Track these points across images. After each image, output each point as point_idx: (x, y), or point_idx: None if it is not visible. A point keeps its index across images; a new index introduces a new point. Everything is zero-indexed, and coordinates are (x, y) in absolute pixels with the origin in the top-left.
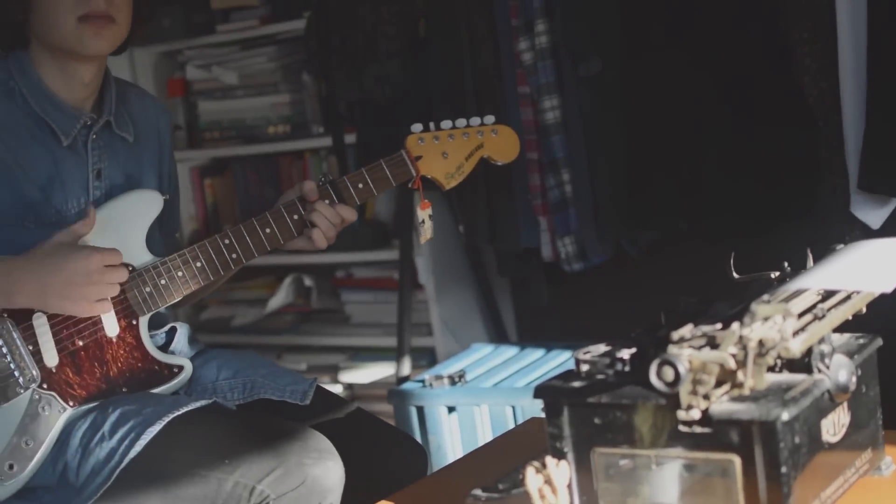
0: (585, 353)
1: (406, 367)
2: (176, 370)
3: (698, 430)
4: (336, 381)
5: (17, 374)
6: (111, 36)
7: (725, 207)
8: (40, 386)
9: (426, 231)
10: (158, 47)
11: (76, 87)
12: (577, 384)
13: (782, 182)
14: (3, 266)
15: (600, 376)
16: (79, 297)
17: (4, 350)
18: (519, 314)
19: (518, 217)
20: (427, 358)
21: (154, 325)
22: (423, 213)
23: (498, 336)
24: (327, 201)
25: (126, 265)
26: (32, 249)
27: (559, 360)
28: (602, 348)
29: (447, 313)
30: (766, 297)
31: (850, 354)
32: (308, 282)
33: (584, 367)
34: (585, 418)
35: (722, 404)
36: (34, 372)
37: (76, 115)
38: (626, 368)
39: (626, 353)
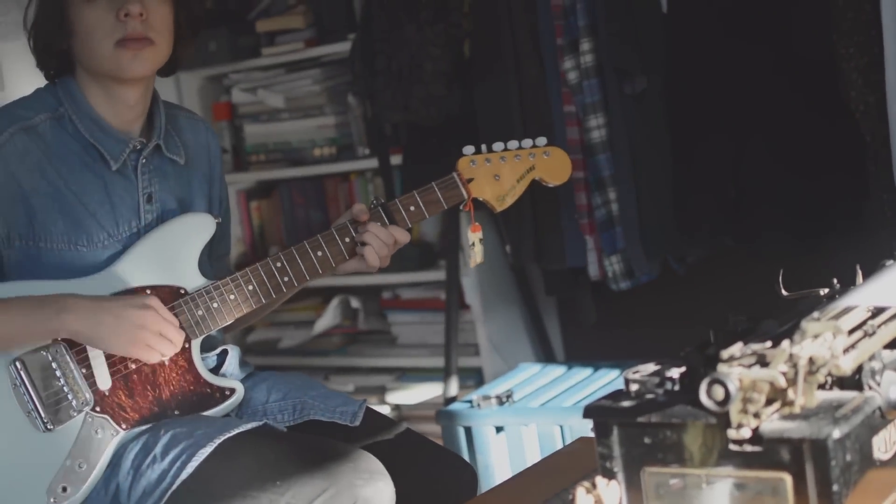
0: (635, 373)
1: (453, 388)
2: (228, 393)
3: (749, 448)
4: (384, 401)
5: (70, 397)
6: (150, 57)
7: (773, 224)
8: (93, 409)
9: (476, 255)
10: (204, 71)
11: (122, 111)
12: (626, 404)
13: (830, 197)
14: (59, 299)
15: (650, 395)
16: (131, 339)
17: (58, 374)
18: (566, 333)
19: (565, 236)
20: (474, 378)
21: (205, 347)
22: (474, 237)
23: (545, 355)
24: (379, 223)
25: (178, 289)
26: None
27: (607, 379)
28: (651, 367)
29: (494, 333)
30: (815, 314)
31: None
32: (355, 303)
33: (634, 387)
34: (635, 438)
35: (772, 423)
36: (87, 395)
37: (125, 139)
38: (676, 387)
39: (675, 372)
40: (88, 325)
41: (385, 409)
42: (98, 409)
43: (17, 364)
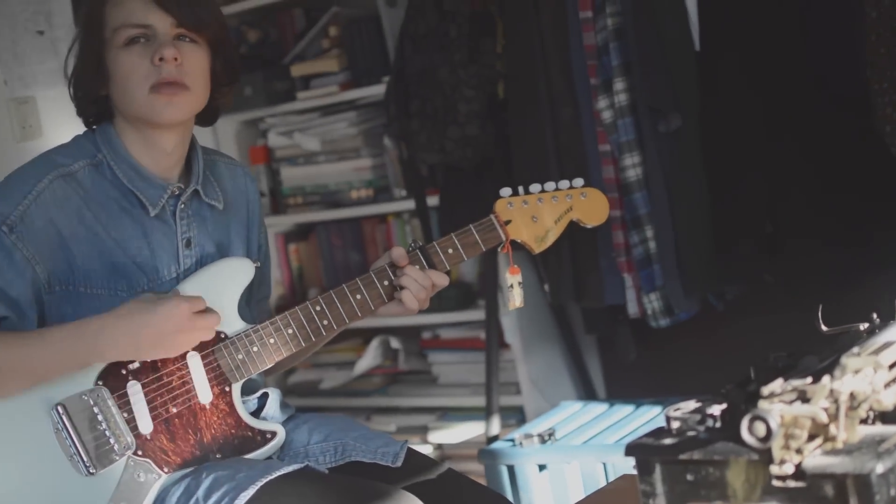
0: (676, 410)
1: (495, 427)
2: (269, 436)
3: (792, 484)
4: (425, 441)
5: (112, 441)
6: (184, 103)
7: (811, 259)
8: (135, 453)
9: (515, 297)
10: (240, 116)
11: (160, 157)
12: (668, 441)
13: (868, 232)
14: (94, 324)
15: (691, 433)
16: (172, 345)
17: (100, 418)
18: (607, 371)
19: (603, 274)
20: (516, 416)
21: (246, 391)
22: (513, 279)
23: (586, 393)
24: (417, 267)
25: (218, 333)
26: (119, 308)
27: (648, 416)
28: (692, 404)
29: (535, 371)
30: (855, 349)
31: None
32: (395, 343)
33: (675, 424)
34: (678, 475)
35: (815, 458)
36: (129, 439)
37: (163, 184)
38: (718, 424)
39: (716, 409)
40: (130, 354)
41: (427, 449)
42: (140, 452)
43: (59, 409)
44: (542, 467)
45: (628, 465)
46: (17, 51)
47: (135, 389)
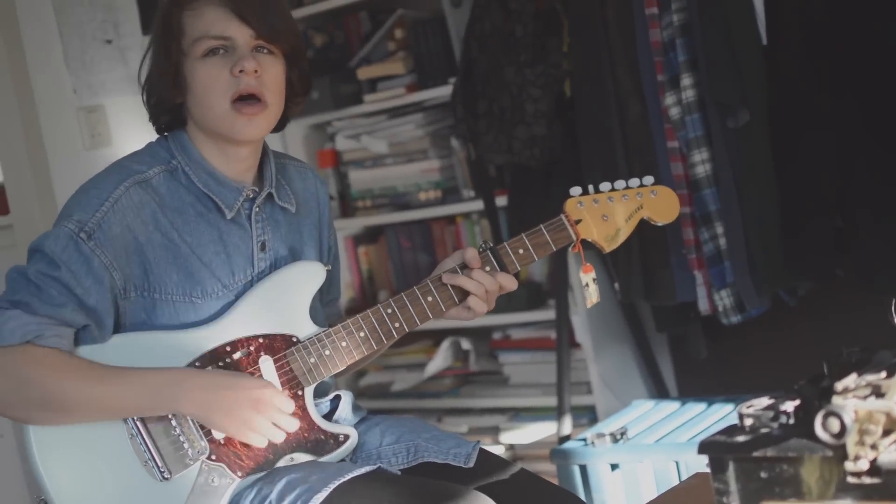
0: (749, 407)
1: (567, 426)
2: (342, 439)
3: (867, 480)
4: (497, 442)
5: (186, 446)
6: (263, 122)
7: (883, 253)
8: (209, 457)
9: (591, 295)
10: (308, 120)
11: (234, 163)
12: (741, 438)
13: None
14: (176, 375)
15: (765, 430)
16: (243, 423)
17: (174, 423)
18: (678, 369)
19: (673, 272)
20: (588, 416)
21: (318, 394)
22: (587, 277)
23: (658, 391)
24: (487, 268)
25: (291, 337)
26: (205, 370)
27: (721, 414)
28: (765, 401)
29: (606, 371)
30: None
31: None
32: (466, 345)
33: (748, 421)
34: (752, 472)
35: (890, 454)
36: (203, 444)
37: (238, 188)
38: (791, 421)
39: (789, 406)
40: (202, 412)
41: (499, 450)
42: (214, 457)
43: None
44: (614, 466)
45: (701, 464)
46: (85, 59)
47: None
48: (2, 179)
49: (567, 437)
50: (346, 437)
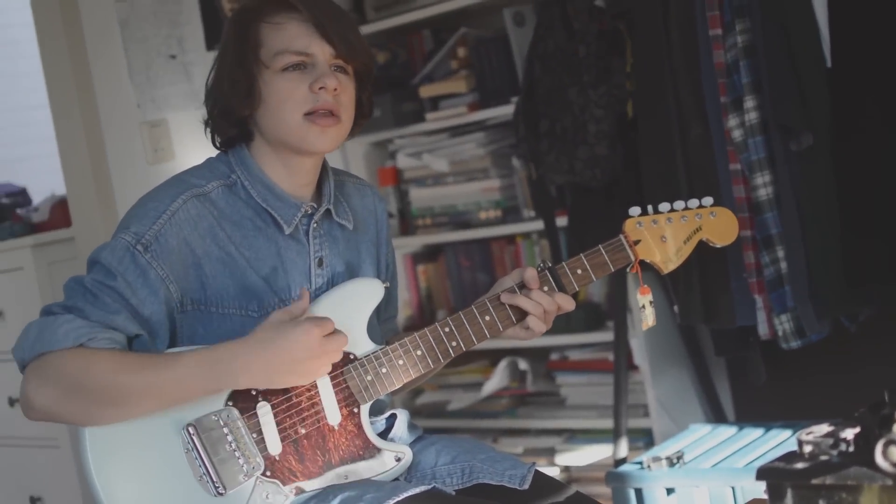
0: (808, 434)
1: (623, 449)
2: (397, 457)
3: None
4: (553, 463)
5: (241, 462)
6: (335, 135)
7: None
8: (263, 473)
9: (648, 317)
10: (369, 137)
11: (296, 178)
12: (800, 465)
13: None
14: (229, 350)
15: (824, 457)
16: (304, 372)
17: (230, 438)
18: (736, 393)
19: (733, 296)
20: (644, 439)
21: (374, 412)
22: (644, 299)
23: (715, 416)
24: (546, 288)
25: (348, 354)
26: (252, 332)
27: (779, 440)
28: (825, 428)
29: (663, 394)
30: None
31: None
32: (523, 365)
33: (808, 448)
34: (810, 500)
35: None
36: (258, 460)
37: (297, 203)
38: (851, 449)
39: (849, 433)
40: (263, 381)
41: (554, 471)
42: (269, 473)
43: (190, 429)
44: (670, 491)
45: (758, 490)
46: (149, 74)
47: (264, 410)
48: (65, 192)
49: (623, 460)
50: (401, 455)
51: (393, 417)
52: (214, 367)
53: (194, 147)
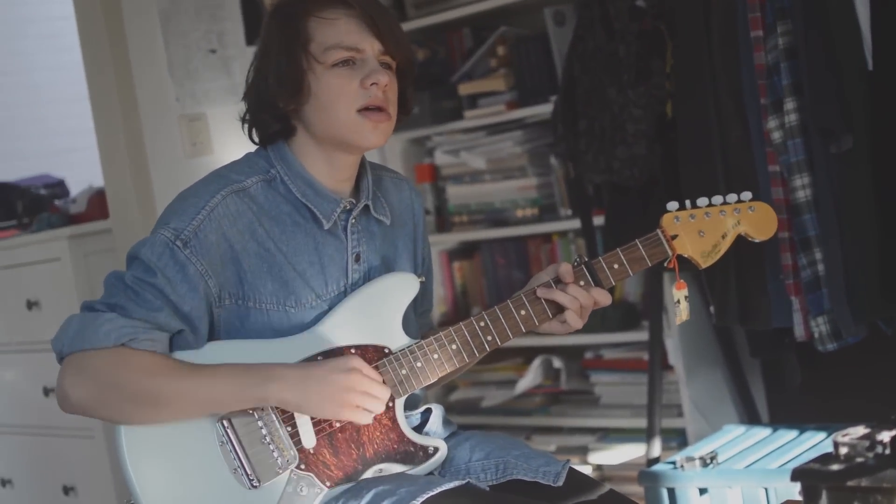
0: (844, 436)
1: (656, 449)
2: (431, 451)
3: None
4: (585, 462)
5: (276, 455)
6: (386, 130)
7: None
8: (298, 466)
9: (682, 312)
10: (407, 134)
11: (337, 174)
12: (835, 467)
13: None
14: (268, 367)
15: (860, 459)
16: (339, 404)
17: (265, 432)
18: (770, 395)
19: (770, 297)
20: (677, 439)
21: (409, 406)
22: (679, 294)
23: (749, 417)
24: (582, 283)
25: (383, 348)
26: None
27: (813, 442)
28: (861, 430)
29: (697, 394)
30: None
31: None
32: (557, 363)
33: (843, 450)
34: (845, 502)
35: None
36: (293, 453)
37: (336, 199)
38: (887, 451)
39: (885, 436)
40: (295, 394)
41: (587, 470)
42: (303, 466)
43: (225, 422)
44: (702, 491)
45: (792, 491)
46: (189, 68)
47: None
48: (103, 184)
49: (656, 460)
50: (436, 449)
51: (428, 412)
52: (250, 382)
53: (233, 141)
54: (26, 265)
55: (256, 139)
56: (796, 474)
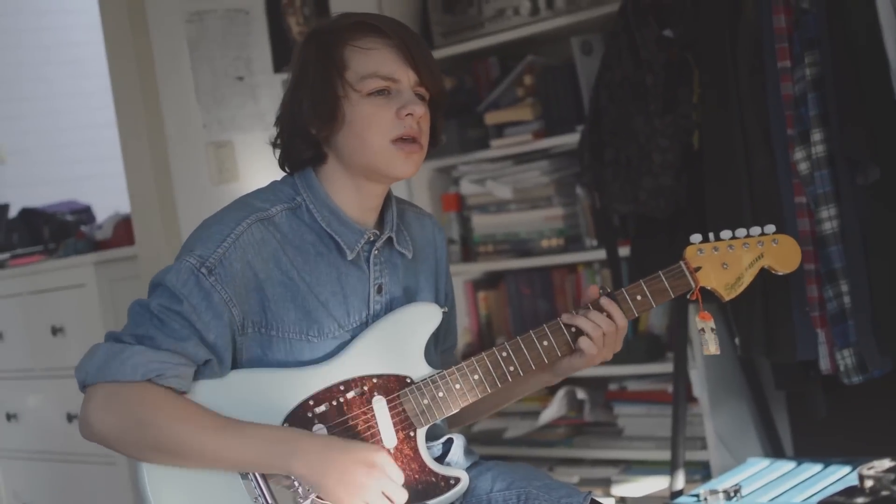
0: (869, 469)
1: (680, 481)
2: (453, 482)
3: None
4: (609, 494)
5: (297, 484)
6: (417, 161)
7: None
8: (318, 496)
9: (709, 343)
10: (434, 163)
11: (364, 204)
12: (861, 500)
13: None
14: (294, 435)
15: (885, 493)
16: (357, 487)
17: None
18: (795, 428)
19: (795, 329)
20: (701, 472)
21: (431, 437)
22: (705, 325)
23: (774, 450)
24: (605, 314)
25: (404, 378)
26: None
27: (838, 475)
28: (886, 464)
29: (722, 427)
30: None
31: None
32: (581, 394)
33: (869, 483)
34: None
35: None
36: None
37: (361, 229)
38: None
39: None
40: (315, 475)
41: (610, 502)
42: (322, 496)
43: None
44: None
45: None
46: (216, 95)
47: (320, 433)
48: (129, 211)
49: (679, 493)
50: (457, 480)
51: (449, 442)
52: (273, 447)
53: (259, 168)
54: (52, 291)
55: (287, 165)
56: None
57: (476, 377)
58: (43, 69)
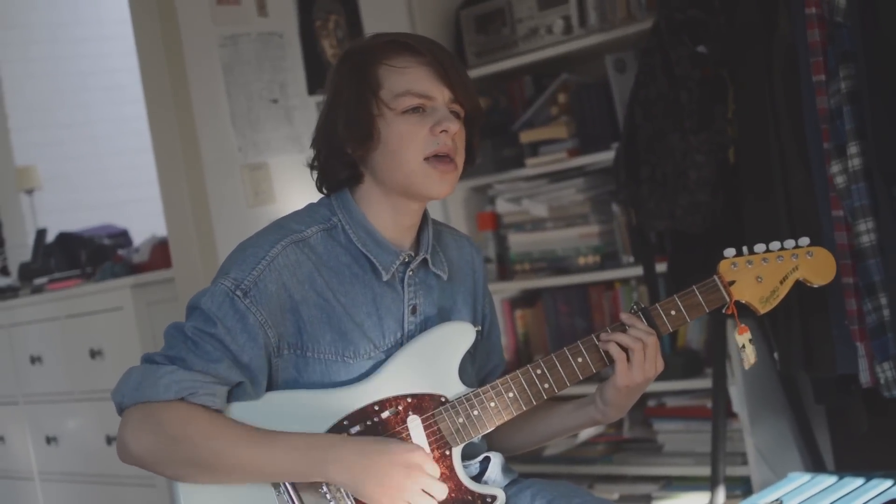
0: None
1: (720, 497)
2: (489, 500)
3: None
4: None
5: (327, 494)
6: (452, 180)
7: None
8: (357, 500)
9: (749, 356)
10: (469, 182)
11: (400, 224)
12: None
13: None
14: (328, 440)
15: None
16: (395, 489)
17: (329, 497)
18: (836, 442)
19: (835, 343)
20: (742, 488)
21: (468, 455)
22: (742, 339)
23: (814, 465)
24: (637, 329)
25: (439, 397)
26: (363, 437)
27: (879, 490)
28: None
29: (762, 442)
30: None
31: None
32: None
33: None
34: None
35: None
36: (350, 502)
37: (396, 251)
38: None
39: None
40: (353, 480)
41: None
42: None
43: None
44: None
45: None
46: (251, 118)
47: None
48: (165, 234)
49: None
50: (493, 498)
51: (487, 460)
52: (308, 454)
53: (295, 191)
54: (90, 314)
55: (324, 186)
56: None
57: (511, 395)
58: (81, 95)
